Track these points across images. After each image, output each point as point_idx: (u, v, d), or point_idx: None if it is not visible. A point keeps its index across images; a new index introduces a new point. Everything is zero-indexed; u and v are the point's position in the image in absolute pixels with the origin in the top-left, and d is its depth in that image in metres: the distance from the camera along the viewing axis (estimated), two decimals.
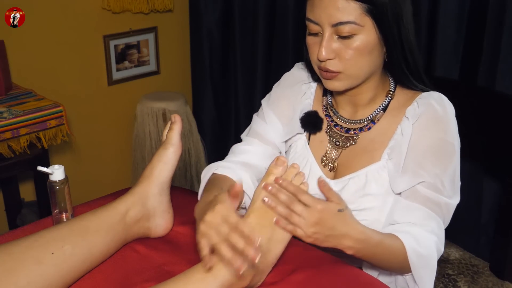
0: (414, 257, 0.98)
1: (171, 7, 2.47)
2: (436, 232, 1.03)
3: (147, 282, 0.95)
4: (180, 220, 1.13)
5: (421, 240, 1.00)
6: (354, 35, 1.00)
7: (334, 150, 1.16)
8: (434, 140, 1.05)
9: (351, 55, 1.01)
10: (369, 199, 1.09)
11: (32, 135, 1.76)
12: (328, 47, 1.01)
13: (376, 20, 1.00)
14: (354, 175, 1.11)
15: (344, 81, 1.06)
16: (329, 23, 1.00)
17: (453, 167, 1.06)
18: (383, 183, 1.08)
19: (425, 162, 1.04)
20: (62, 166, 1.06)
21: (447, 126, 1.06)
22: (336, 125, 1.17)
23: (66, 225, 0.98)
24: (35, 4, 2.12)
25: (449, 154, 1.05)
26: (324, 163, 1.17)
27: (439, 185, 1.04)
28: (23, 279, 0.87)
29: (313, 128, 1.19)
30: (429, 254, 1.01)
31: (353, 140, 1.14)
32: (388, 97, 1.13)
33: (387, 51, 1.05)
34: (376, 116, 1.12)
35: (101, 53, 2.38)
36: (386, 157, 1.09)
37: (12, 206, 2.21)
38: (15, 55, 2.07)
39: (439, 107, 1.06)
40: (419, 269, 1.00)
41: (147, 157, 2.45)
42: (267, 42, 2.32)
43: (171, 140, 1.06)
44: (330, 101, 1.20)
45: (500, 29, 1.57)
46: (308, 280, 0.95)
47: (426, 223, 1.03)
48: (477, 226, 1.75)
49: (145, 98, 2.45)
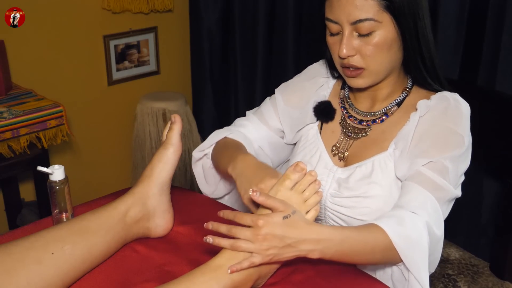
0: (398, 239, 0.92)
1: (171, 7, 2.47)
2: (429, 212, 0.98)
3: (147, 282, 0.95)
4: (180, 220, 1.13)
5: (407, 221, 0.94)
6: (373, 31, 1.03)
7: (346, 140, 1.17)
8: (442, 129, 1.05)
9: (372, 51, 1.04)
10: (374, 188, 1.09)
11: (32, 135, 1.76)
12: (348, 45, 1.04)
13: (393, 15, 1.02)
14: (361, 163, 1.12)
15: (367, 78, 1.08)
16: (348, 22, 1.02)
17: (458, 157, 1.03)
18: (389, 173, 1.09)
19: (431, 148, 1.03)
20: (62, 166, 1.06)
21: (459, 119, 1.06)
22: (350, 116, 1.18)
23: (66, 225, 0.97)
24: (35, 4, 2.12)
25: (457, 144, 1.04)
26: (334, 153, 1.18)
27: (443, 167, 1.01)
28: (23, 279, 0.87)
29: (325, 117, 1.21)
30: (416, 234, 0.94)
31: (365, 131, 1.15)
32: (404, 93, 1.14)
33: (404, 46, 1.06)
34: (390, 109, 1.14)
35: (101, 53, 2.38)
36: (393, 146, 1.10)
37: (12, 206, 2.21)
38: (15, 55, 2.07)
39: (452, 100, 1.07)
40: (407, 252, 0.93)
41: (147, 157, 2.45)
42: (267, 42, 2.32)
43: (171, 140, 1.06)
44: (347, 95, 1.22)
45: (500, 29, 1.57)
46: (308, 280, 0.95)
47: (418, 203, 0.98)
48: (477, 226, 1.75)
49: (145, 98, 2.45)
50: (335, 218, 1.14)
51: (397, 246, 0.92)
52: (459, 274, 1.40)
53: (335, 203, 1.13)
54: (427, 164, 1.02)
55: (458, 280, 1.38)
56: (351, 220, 1.11)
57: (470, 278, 1.38)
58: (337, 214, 1.13)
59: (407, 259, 0.94)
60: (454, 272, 1.41)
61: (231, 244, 0.86)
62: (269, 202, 0.87)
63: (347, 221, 1.12)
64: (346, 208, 1.11)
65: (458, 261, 1.44)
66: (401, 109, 1.14)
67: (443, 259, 1.45)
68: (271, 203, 0.86)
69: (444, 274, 1.40)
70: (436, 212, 1.00)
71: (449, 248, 1.50)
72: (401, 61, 1.11)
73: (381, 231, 0.92)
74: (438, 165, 1.02)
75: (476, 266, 1.42)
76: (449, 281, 1.37)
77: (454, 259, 1.45)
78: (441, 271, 1.40)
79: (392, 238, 0.92)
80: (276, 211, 0.86)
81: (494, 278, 1.38)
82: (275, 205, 0.86)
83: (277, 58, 2.31)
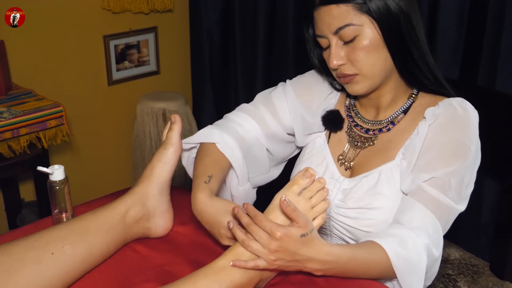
0: (398, 262, 0.93)
1: (171, 7, 2.47)
2: (429, 233, 0.99)
3: (147, 282, 0.95)
4: (180, 220, 1.13)
5: (408, 243, 0.96)
6: (356, 36, 1.03)
7: (352, 150, 1.16)
8: (448, 140, 1.04)
9: (360, 56, 1.04)
10: (380, 199, 1.07)
11: (32, 135, 1.76)
12: (336, 54, 1.06)
13: (371, 16, 1.02)
14: (367, 174, 1.11)
15: (362, 83, 1.08)
16: (330, 32, 1.05)
17: (464, 170, 1.02)
18: (395, 183, 1.07)
19: (435, 160, 1.02)
20: (62, 166, 1.06)
21: (466, 128, 1.04)
22: (356, 125, 1.17)
23: (66, 225, 0.97)
24: (35, 4, 2.12)
25: (462, 156, 1.02)
26: (340, 162, 1.17)
27: (445, 184, 1.01)
28: (23, 279, 0.87)
29: (334, 126, 1.20)
30: (416, 257, 0.95)
31: (372, 140, 1.14)
32: (410, 99, 1.13)
33: (388, 48, 1.05)
34: (396, 118, 1.13)
35: (101, 53, 2.38)
36: (400, 156, 1.08)
37: (12, 206, 2.21)
38: (15, 55, 2.07)
39: (460, 108, 1.05)
40: (405, 275, 0.95)
41: (147, 157, 2.45)
42: (267, 42, 2.32)
43: (171, 140, 1.06)
44: (353, 102, 1.21)
45: (500, 29, 1.57)
46: (308, 280, 0.95)
47: (420, 223, 0.99)
48: (477, 226, 1.75)
49: (145, 98, 2.45)
50: (340, 229, 1.13)
51: (396, 268, 0.94)
52: (459, 274, 1.40)
53: (340, 214, 1.12)
54: (429, 180, 1.01)
55: (458, 280, 1.37)
56: (355, 231, 1.10)
57: (470, 278, 1.38)
58: (342, 224, 1.12)
59: (403, 281, 0.95)
60: (454, 272, 1.40)
61: (244, 240, 0.88)
62: (294, 215, 0.86)
63: (351, 232, 1.11)
64: (350, 219, 1.10)
65: (458, 261, 1.44)
66: (407, 117, 1.12)
67: (443, 259, 1.45)
68: (295, 217, 0.86)
69: (444, 274, 1.40)
70: (437, 233, 1.01)
71: (449, 248, 1.50)
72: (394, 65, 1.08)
73: (383, 252, 0.93)
74: (440, 182, 1.01)
75: (476, 266, 1.42)
76: (449, 281, 1.37)
77: (454, 259, 1.45)
78: (441, 271, 1.40)
79: (392, 260, 0.93)
80: (295, 225, 0.86)
81: (494, 278, 1.38)
82: (298, 220, 0.86)
83: (277, 58, 2.31)
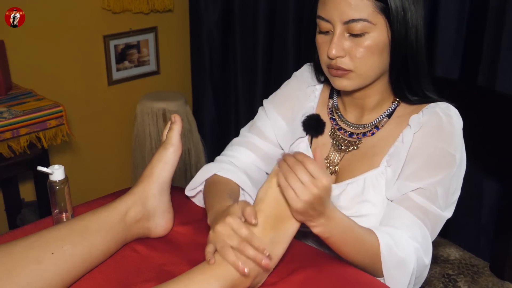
0: (387, 253, 0.94)
1: (171, 7, 2.47)
2: (419, 240, 0.99)
3: (147, 282, 0.95)
4: (180, 220, 1.13)
5: (399, 242, 0.96)
6: (365, 33, 0.98)
7: (337, 154, 1.14)
8: (434, 149, 1.03)
9: (362, 54, 1.00)
10: (367, 206, 1.07)
11: (32, 135, 1.76)
12: (338, 45, 1.00)
13: (388, 19, 0.99)
14: (352, 180, 1.09)
15: (353, 80, 1.03)
16: (340, 20, 0.98)
17: (450, 179, 1.02)
18: (381, 190, 1.07)
19: (421, 170, 1.02)
20: (62, 166, 1.06)
21: (451, 137, 1.03)
22: (340, 129, 1.15)
23: (66, 225, 0.97)
24: (35, 4, 2.12)
25: (448, 165, 1.02)
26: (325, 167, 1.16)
27: (431, 194, 1.01)
28: (23, 279, 0.87)
29: (315, 131, 1.16)
30: (405, 256, 0.95)
31: (356, 144, 1.12)
32: (394, 103, 1.11)
33: (390, 52, 1.02)
34: (380, 122, 1.11)
35: (101, 53, 2.38)
36: (385, 163, 1.07)
37: (12, 206, 2.21)
38: (15, 55, 2.07)
39: (444, 116, 1.04)
40: (391, 269, 0.95)
41: (147, 157, 2.45)
42: (267, 42, 2.32)
43: (171, 140, 1.06)
44: (336, 104, 1.18)
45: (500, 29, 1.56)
46: (308, 280, 0.95)
47: (409, 230, 0.99)
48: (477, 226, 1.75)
49: (145, 98, 2.45)
50: None
51: (383, 259, 0.94)
52: (459, 274, 1.40)
53: None
54: (416, 190, 1.01)
55: (458, 280, 1.37)
56: None
57: (470, 278, 1.38)
58: None
59: (388, 274, 0.95)
60: (454, 272, 1.40)
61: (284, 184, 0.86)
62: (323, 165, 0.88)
63: None
64: None
65: (458, 261, 1.44)
66: (391, 121, 1.10)
67: (443, 259, 1.45)
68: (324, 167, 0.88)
69: (444, 274, 1.40)
70: (426, 240, 1.01)
71: (449, 248, 1.50)
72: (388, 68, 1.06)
73: (377, 240, 0.95)
74: (427, 192, 1.01)
75: (476, 266, 1.42)
76: (449, 281, 1.37)
77: (454, 259, 1.45)
78: (441, 271, 1.40)
79: (382, 250, 0.94)
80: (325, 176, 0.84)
81: (494, 278, 1.38)
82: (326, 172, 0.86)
83: (277, 58, 2.31)
